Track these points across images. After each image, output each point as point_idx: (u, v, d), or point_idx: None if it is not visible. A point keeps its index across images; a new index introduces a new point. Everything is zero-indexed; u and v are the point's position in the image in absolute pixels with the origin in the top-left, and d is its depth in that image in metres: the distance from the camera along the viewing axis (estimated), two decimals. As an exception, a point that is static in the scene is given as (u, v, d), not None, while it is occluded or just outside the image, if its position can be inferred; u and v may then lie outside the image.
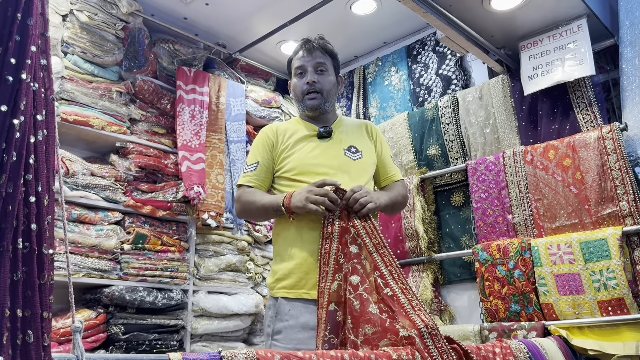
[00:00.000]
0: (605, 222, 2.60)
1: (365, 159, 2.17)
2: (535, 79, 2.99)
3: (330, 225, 1.83)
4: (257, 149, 2.21)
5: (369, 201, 1.87)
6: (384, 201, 2.03)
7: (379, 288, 1.67)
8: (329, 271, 1.76)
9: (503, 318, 2.78)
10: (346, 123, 2.29)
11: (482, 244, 2.95)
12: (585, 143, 2.71)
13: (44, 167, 1.03)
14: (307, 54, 2.19)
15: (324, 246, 1.81)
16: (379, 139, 2.32)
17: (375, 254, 1.74)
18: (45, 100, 1.07)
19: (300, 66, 2.20)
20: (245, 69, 4.23)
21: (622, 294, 2.42)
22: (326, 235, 1.82)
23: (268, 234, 3.96)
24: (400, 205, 2.26)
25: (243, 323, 3.61)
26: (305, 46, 2.22)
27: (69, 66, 3.13)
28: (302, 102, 2.20)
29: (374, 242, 1.78)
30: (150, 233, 3.29)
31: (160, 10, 3.56)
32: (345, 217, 1.84)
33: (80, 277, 2.96)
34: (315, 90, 2.16)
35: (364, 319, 1.63)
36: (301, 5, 3.44)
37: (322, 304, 1.73)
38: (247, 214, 2.19)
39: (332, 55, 2.25)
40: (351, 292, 1.69)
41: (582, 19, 2.86)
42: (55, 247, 2.83)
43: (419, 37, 3.89)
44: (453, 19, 2.71)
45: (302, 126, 2.22)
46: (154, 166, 3.41)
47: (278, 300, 1.98)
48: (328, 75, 2.20)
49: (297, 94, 2.22)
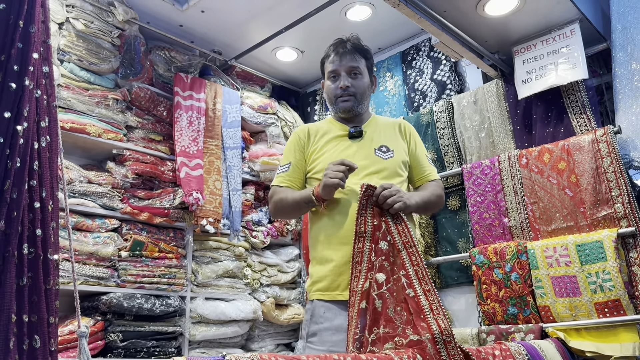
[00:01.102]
0: (601, 225, 2.62)
1: (396, 158, 2.13)
2: (529, 83, 3.02)
3: (363, 224, 1.80)
4: (290, 150, 2.21)
5: (397, 201, 1.82)
6: (415, 202, 1.96)
7: (402, 288, 1.66)
8: (362, 270, 1.73)
9: (500, 321, 2.79)
10: (379, 122, 2.26)
11: (478, 248, 2.97)
12: (580, 146, 2.73)
13: (48, 173, 1.04)
14: (340, 58, 2.17)
15: (356, 245, 1.78)
16: (414, 137, 2.27)
17: (404, 252, 1.72)
18: (47, 106, 1.08)
19: (333, 70, 2.18)
20: (241, 75, 4.25)
21: (618, 296, 2.44)
22: (359, 234, 1.79)
23: (265, 240, 3.96)
24: (434, 206, 2.19)
25: (241, 329, 3.61)
26: (338, 49, 2.19)
27: (65, 74, 3.14)
28: (335, 105, 2.19)
29: (404, 240, 1.75)
30: (148, 240, 3.28)
31: (156, 17, 3.57)
32: (377, 215, 1.81)
33: (78, 284, 2.94)
34: (349, 93, 2.15)
35: (381, 319, 1.62)
36: (296, 12, 3.46)
37: (354, 302, 1.70)
38: (280, 212, 2.17)
39: (366, 56, 2.22)
40: (375, 290, 1.68)
41: (574, 24, 2.89)
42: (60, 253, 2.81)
43: (413, 42, 3.92)
44: (447, 25, 2.74)
45: (334, 126, 2.21)
46: (151, 173, 3.41)
47: (314, 302, 1.98)
48: (362, 78, 2.18)
49: (330, 96, 2.21)
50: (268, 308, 3.79)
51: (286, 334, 4.04)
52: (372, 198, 1.83)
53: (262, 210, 4.07)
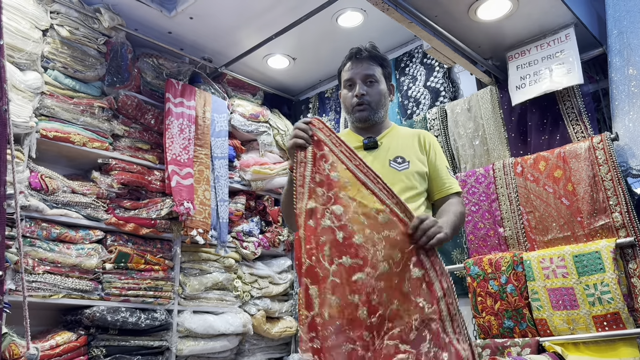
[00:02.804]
0: (599, 234, 2.54)
1: (411, 169, 2.03)
2: (523, 88, 2.95)
3: (304, 151, 1.77)
4: None
5: (437, 232, 1.66)
6: (450, 231, 1.81)
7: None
8: (304, 193, 1.71)
9: (496, 334, 2.70)
10: (399, 133, 2.18)
11: (473, 258, 2.88)
12: (576, 154, 2.66)
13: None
14: (355, 66, 2.12)
15: (298, 170, 1.74)
16: (434, 148, 2.16)
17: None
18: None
19: (349, 78, 2.12)
20: (232, 83, 4.18)
21: (618, 309, 2.36)
22: (300, 160, 1.76)
23: (256, 251, 3.87)
24: (460, 227, 2.03)
25: (230, 343, 3.51)
26: (354, 57, 2.14)
27: (49, 81, 3.06)
28: (352, 114, 2.13)
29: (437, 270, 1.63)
30: (133, 251, 3.20)
31: (144, 24, 3.50)
32: (316, 144, 1.78)
33: (60, 297, 2.86)
34: (364, 102, 2.09)
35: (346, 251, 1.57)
36: (287, 18, 3.40)
37: (300, 223, 1.66)
38: (284, 212, 2.06)
39: (382, 64, 2.16)
40: (334, 222, 1.62)
41: (569, 28, 2.82)
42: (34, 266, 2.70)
43: (406, 49, 3.86)
44: (439, 30, 2.67)
45: (350, 138, 2.13)
46: (138, 182, 3.33)
47: None
48: (378, 86, 2.11)
49: (347, 106, 2.15)
50: (259, 321, 3.69)
51: (277, 347, 3.93)
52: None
53: (253, 220, 3.99)
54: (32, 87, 2.92)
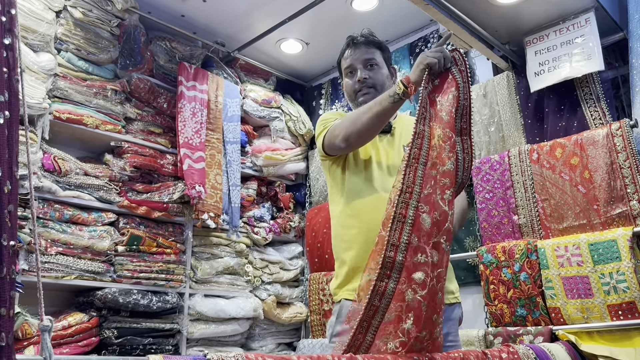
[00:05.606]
0: (615, 223, 2.50)
1: None
2: (541, 75, 2.90)
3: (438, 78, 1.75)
4: (331, 118, 2.05)
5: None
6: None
7: None
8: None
9: (509, 323, 2.67)
10: (406, 120, 2.14)
11: (486, 246, 2.85)
12: (594, 140, 2.61)
13: (6, 152, 0.95)
14: (354, 52, 2.07)
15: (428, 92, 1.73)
16: None
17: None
18: (8, 80, 0.99)
19: (349, 65, 2.08)
20: (244, 68, 4.16)
21: (633, 298, 2.32)
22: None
23: (267, 236, 3.87)
24: (464, 222, 2.13)
25: (241, 327, 3.52)
26: (351, 44, 2.11)
27: (62, 63, 3.06)
28: (356, 101, 2.06)
29: None
30: (145, 234, 3.20)
31: (157, 7, 3.48)
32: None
33: (72, 279, 2.87)
34: (368, 85, 2.03)
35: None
36: (300, 2, 3.36)
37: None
38: (356, 124, 1.86)
39: (381, 48, 2.12)
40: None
41: (589, 12, 2.76)
42: (46, 247, 2.71)
43: (421, 34, 3.80)
44: (456, 12, 2.62)
45: None
46: (150, 166, 3.33)
47: (341, 302, 1.87)
48: (379, 69, 2.07)
49: (350, 93, 2.09)
50: (269, 306, 3.69)
51: (288, 332, 3.94)
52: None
53: (265, 206, 3.98)
54: (46, 68, 2.91)
